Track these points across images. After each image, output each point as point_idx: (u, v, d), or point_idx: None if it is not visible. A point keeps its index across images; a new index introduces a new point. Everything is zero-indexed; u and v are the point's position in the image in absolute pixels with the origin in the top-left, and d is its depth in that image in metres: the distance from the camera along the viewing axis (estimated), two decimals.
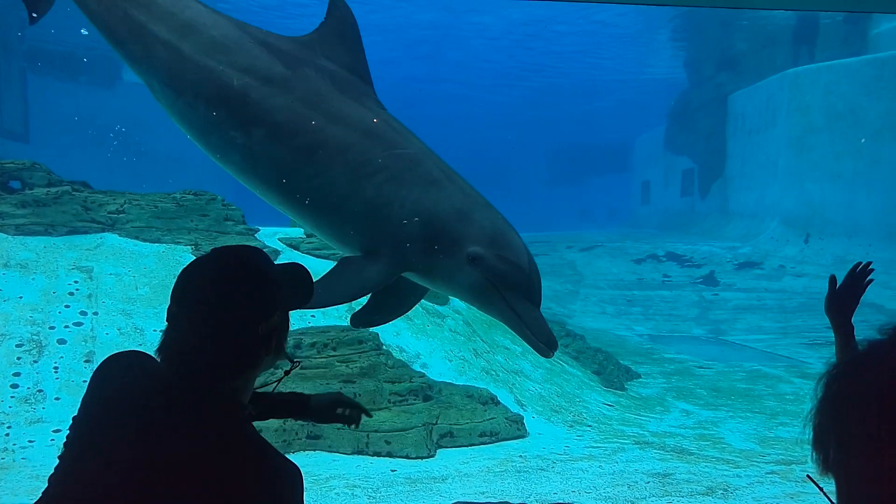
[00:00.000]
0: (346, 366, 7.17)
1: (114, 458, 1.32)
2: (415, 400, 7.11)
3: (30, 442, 6.23)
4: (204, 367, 1.38)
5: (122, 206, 8.92)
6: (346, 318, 8.06)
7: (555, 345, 2.82)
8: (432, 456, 6.71)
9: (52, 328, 7.23)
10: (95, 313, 7.50)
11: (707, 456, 7.11)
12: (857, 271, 2.25)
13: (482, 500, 5.59)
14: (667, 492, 6.00)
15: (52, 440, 6.18)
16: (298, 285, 1.56)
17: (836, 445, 1.04)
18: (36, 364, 6.83)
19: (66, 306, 7.49)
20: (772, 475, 6.50)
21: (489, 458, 6.72)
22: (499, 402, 7.58)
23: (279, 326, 1.49)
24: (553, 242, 21.67)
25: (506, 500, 5.62)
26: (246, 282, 1.44)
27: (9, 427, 6.32)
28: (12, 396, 6.55)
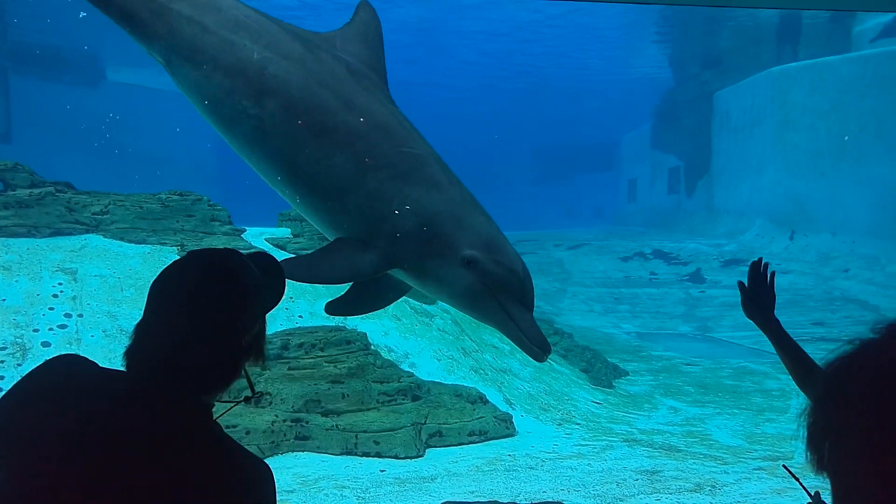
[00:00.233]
0: (335, 366, 7.15)
1: (69, 476, 1.22)
2: (403, 400, 7.10)
3: None
4: (185, 380, 1.34)
5: (106, 206, 8.84)
6: (334, 319, 8.04)
7: (548, 349, 2.85)
8: (421, 456, 6.70)
9: (35, 331, 7.16)
10: (80, 315, 7.43)
11: (695, 453, 7.15)
12: (757, 272, 2.29)
13: (471, 499, 5.60)
14: (655, 489, 6.03)
15: None
16: (275, 286, 1.54)
17: (831, 444, 1.04)
18: (20, 367, 6.75)
19: (51, 308, 7.42)
20: (759, 471, 6.54)
21: (478, 458, 6.72)
22: (487, 401, 7.58)
23: (259, 334, 1.47)
24: (540, 241, 21.70)
25: (495, 499, 5.62)
26: (232, 294, 1.40)
27: None
28: None
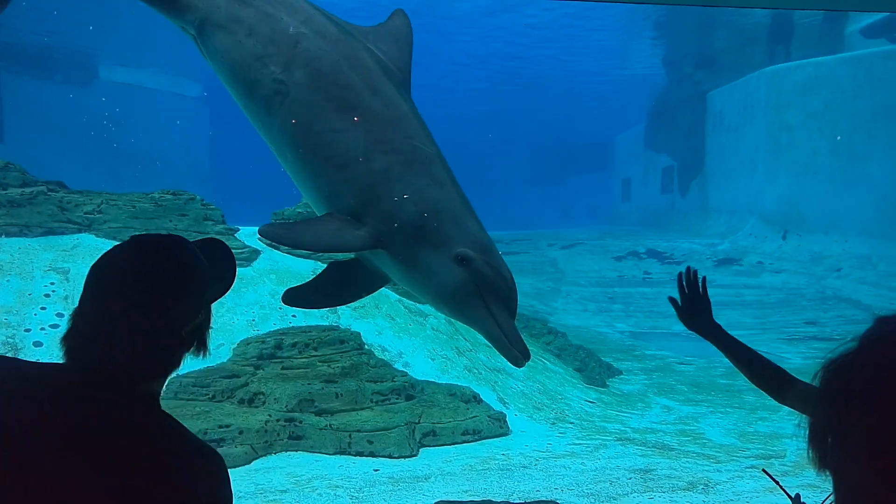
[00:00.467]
0: (328, 366, 7.14)
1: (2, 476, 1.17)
2: (397, 399, 7.10)
3: None
4: (125, 370, 1.32)
5: (99, 206, 8.81)
6: (327, 318, 8.03)
7: (528, 354, 2.90)
8: (415, 455, 6.70)
9: (27, 331, 7.12)
10: None
11: (688, 451, 7.17)
12: (688, 282, 2.30)
13: (465, 498, 5.60)
14: (648, 487, 6.04)
15: None
16: (224, 275, 1.52)
17: (833, 442, 1.04)
18: None
19: (43, 308, 7.38)
20: (752, 470, 6.56)
21: (472, 457, 6.72)
22: (481, 401, 7.59)
23: (202, 324, 1.45)
24: (535, 240, 21.74)
25: (489, 498, 5.62)
26: (172, 281, 1.38)
27: None
28: None
